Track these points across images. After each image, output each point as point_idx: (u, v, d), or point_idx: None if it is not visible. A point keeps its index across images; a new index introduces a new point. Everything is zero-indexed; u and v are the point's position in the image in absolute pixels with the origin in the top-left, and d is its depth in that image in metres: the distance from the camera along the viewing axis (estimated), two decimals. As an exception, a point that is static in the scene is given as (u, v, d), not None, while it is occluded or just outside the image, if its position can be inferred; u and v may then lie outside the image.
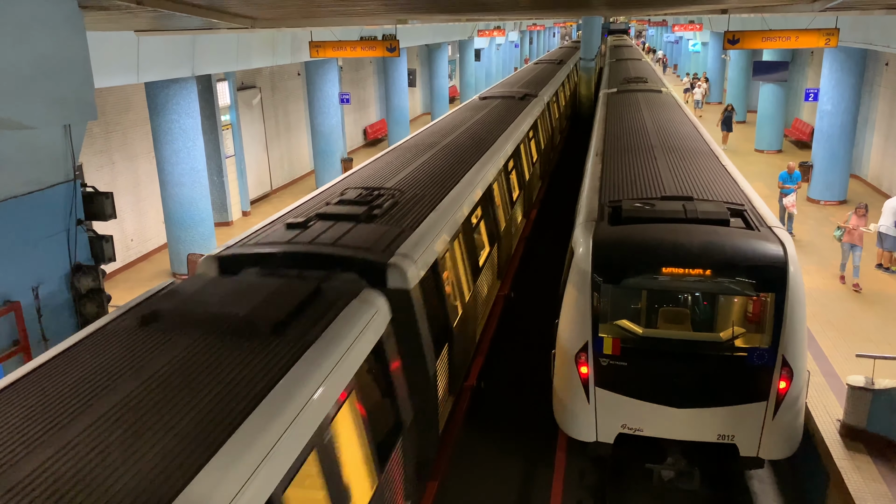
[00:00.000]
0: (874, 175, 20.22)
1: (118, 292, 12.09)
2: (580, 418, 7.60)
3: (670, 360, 7.31)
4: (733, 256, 7.11)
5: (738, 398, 7.18)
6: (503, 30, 41.92)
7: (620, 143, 12.15)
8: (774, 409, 7.13)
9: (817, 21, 15.03)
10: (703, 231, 7.43)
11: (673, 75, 56.81)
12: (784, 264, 7.00)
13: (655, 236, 7.46)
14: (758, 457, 7.34)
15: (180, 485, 3.31)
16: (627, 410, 7.44)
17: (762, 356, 7.06)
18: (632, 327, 7.53)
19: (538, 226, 16.30)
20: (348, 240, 6.89)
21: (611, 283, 7.38)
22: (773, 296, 7.03)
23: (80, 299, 6.62)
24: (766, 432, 7.20)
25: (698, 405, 7.26)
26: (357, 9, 9.65)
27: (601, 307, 7.38)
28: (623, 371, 7.36)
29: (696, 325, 7.62)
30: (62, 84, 6.19)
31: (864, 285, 12.68)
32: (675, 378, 7.27)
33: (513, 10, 11.86)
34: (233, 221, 19.26)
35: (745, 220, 7.92)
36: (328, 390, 4.53)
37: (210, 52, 14.55)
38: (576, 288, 7.43)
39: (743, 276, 7.12)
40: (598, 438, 7.63)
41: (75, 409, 3.93)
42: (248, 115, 21.11)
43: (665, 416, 7.35)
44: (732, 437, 7.31)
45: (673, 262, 7.21)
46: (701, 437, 7.37)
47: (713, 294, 7.52)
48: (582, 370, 7.45)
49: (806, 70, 27.24)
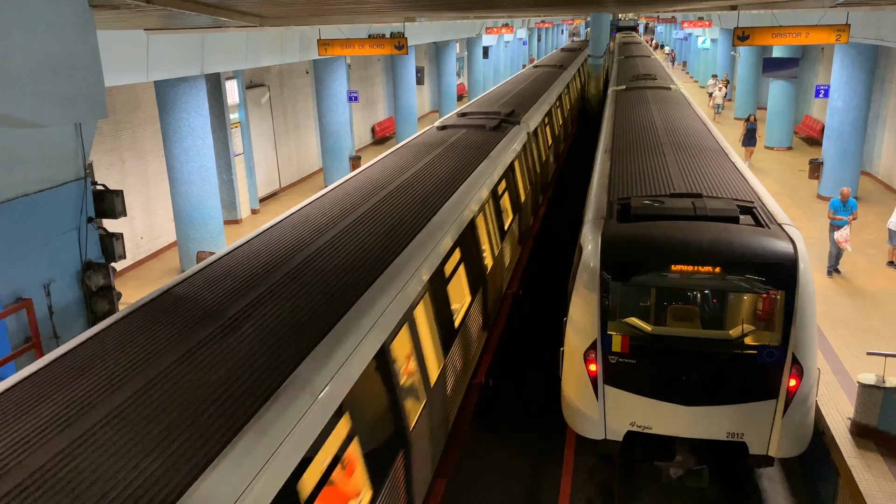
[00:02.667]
0: (885, 172, 20.07)
1: (128, 290, 12.16)
2: (589, 416, 7.57)
3: (679, 358, 7.24)
4: (743, 254, 7.06)
5: (748, 396, 7.12)
6: (511, 27, 41.81)
7: (629, 140, 12.02)
8: (784, 407, 7.07)
9: (828, 17, 14.95)
10: (712, 228, 7.38)
11: (682, 72, 56.50)
12: (794, 262, 6.93)
13: (664, 233, 7.41)
14: (767, 455, 7.29)
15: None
16: (636, 408, 7.40)
17: (772, 354, 6.99)
18: (641, 325, 7.45)
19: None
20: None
21: (619, 281, 7.33)
22: (783, 293, 6.96)
23: (91, 297, 6.67)
24: (776, 430, 7.15)
25: (707, 403, 7.21)
26: (365, 7, 9.66)
27: (610, 305, 7.32)
28: (632, 369, 7.31)
29: (706, 323, 7.53)
30: (73, 83, 6.23)
31: (875, 283, 12.60)
32: (685, 376, 7.21)
33: (521, 7, 11.80)
34: (242, 219, 19.33)
35: (754, 217, 7.86)
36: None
37: (219, 51, 14.60)
38: (584, 285, 7.39)
39: (752, 274, 7.06)
40: (606, 436, 7.59)
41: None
42: (257, 113, 21.17)
43: (674, 414, 7.30)
44: (742, 435, 7.26)
45: (682, 259, 7.16)
46: (710, 434, 7.32)
47: (723, 291, 7.42)
48: (591, 368, 7.41)
49: (816, 66, 27.06)
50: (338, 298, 5.62)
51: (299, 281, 5.91)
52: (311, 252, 6.66)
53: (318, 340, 4.89)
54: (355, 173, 10.31)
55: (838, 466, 7.73)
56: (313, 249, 6.74)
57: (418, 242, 7.21)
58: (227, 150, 18.76)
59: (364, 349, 5.21)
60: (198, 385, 4.21)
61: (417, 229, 7.55)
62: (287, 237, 7.14)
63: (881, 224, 15.92)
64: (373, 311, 5.59)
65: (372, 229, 7.45)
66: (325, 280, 5.96)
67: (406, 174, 9.95)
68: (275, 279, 5.91)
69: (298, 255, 6.57)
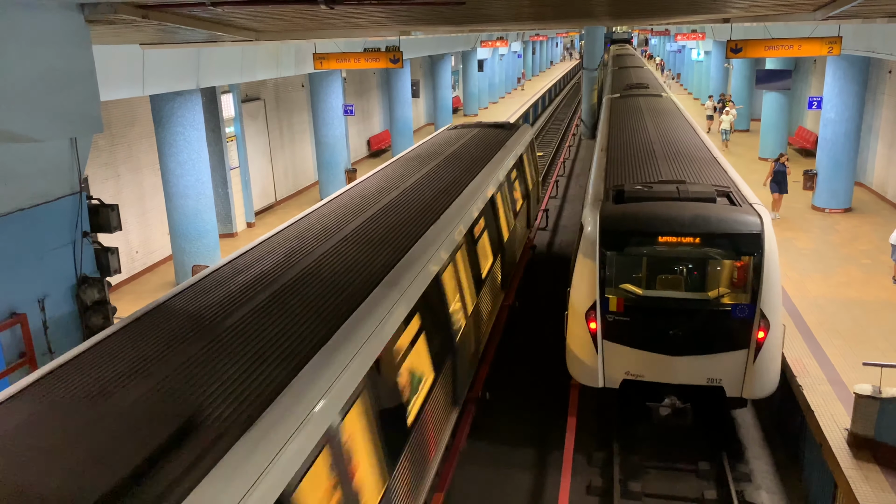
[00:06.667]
0: (879, 183, 20.17)
1: (123, 304, 12.11)
2: (590, 367, 8.84)
3: (666, 316, 8.56)
4: (718, 226, 8.44)
5: (724, 347, 8.44)
6: (506, 40, 42.09)
7: (623, 140, 13.38)
8: (754, 355, 8.35)
9: (820, 29, 15.06)
10: (693, 207, 8.75)
11: (677, 85, 56.75)
12: (761, 232, 8.30)
13: (653, 211, 8.78)
14: (741, 397, 8.56)
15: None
16: (630, 359, 8.69)
17: (743, 310, 8.34)
18: (633, 289, 8.73)
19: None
20: None
21: (615, 251, 8.65)
22: (752, 259, 8.32)
23: (86, 311, 6.64)
24: (748, 375, 8.43)
25: (690, 353, 8.51)
26: (360, 21, 9.71)
27: (607, 272, 8.62)
28: (626, 326, 8.62)
29: (688, 286, 8.75)
30: (69, 97, 6.23)
31: (871, 294, 12.62)
32: (671, 331, 8.50)
33: (515, 20, 11.88)
34: (237, 233, 19.31)
35: (729, 198, 9.23)
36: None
37: (215, 65, 14.63)
38: (585, 256, 8.70)
39: (726, 243, 8.44)
40: (605, 384, 8.87)
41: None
42: (253, 126, 21.20)
43: (662, 364, 8.59)
44: (720, 381, 8.55)
45: (667, 231, 8.53)
46: (693, 380, 8.61)
47: (702, 259, 8.71)
48: (591, 326, 8.69)
49: (809, 78, 27.24)
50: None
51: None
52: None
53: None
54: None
55: (836, 478, 7.70)
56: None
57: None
58: (222, 163, 18.76)
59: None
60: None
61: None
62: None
63: (875, 234, 15.98)
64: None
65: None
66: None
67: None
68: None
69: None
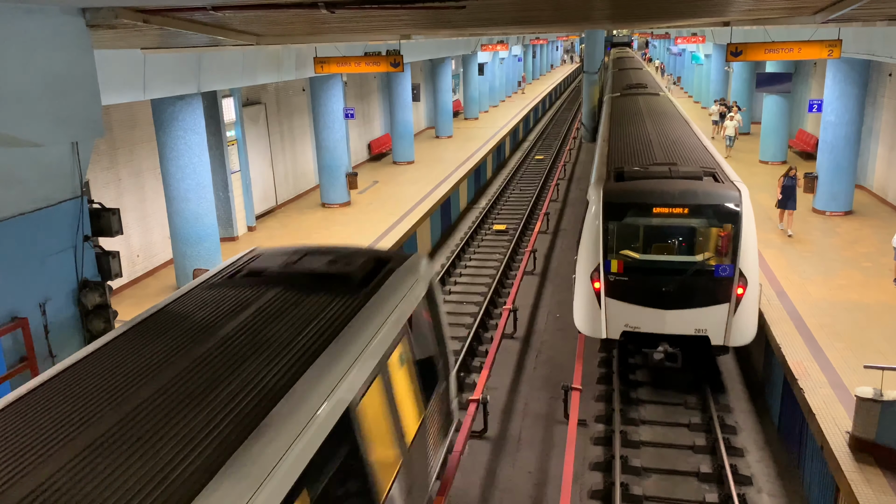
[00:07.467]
0: (879, 185, 20.17)
1: (124, 308, 12.12)
2: (594, 321, 10.39)
3: (660, 276, 10.17)
4: (704, 199, 10.15)
5: (709, 301, 9.99)
6: (506, 44, 42.13)
7: (623, 132, 15.21)
8: (735, 308, 9.92)
9: (820, 32, 15.07)
10: (682, 183, 10.48)
11: (678, 88, 56.76)
12: (739, 203, 9.99)
13: (648, 187, 10.48)
14: (724, 345, 10.11)
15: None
16: (629, 313, 10.21)
17: (725, 270, 9.95)
18: (632, 254, 10.37)
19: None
20: None
21: (616, 221, 10.27)
22: (732, 226, 9.95)
23: (87, 315, 6.64)
24: (730, 326, 9.99)
25: (680, 307, 10.05)
26: (361, 25, 9.73)
27: (609, 239, 10.21)
28: (626, 284, 10.18)
29: (678, 250, 10.41)
30: (70, 102, 6.25)
31: (872, 296, 12.61)
32: (664, 288, 10.05)
33: (515, 24, 11.93)
34: (238, 237, 19.31)
35: (714, 177, 10.96)
36: None
37: (215, 69, 14.66)
38: (591, 226, 10.29)
39: (710, 213, 10.15)
40: (608, 335, 10.39)
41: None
42: (254, 130, 21.22)
43: (657, 317, 10.12)
44: (705, 331, 10.10)
45: (660, 204, 10.17)
46: (682, 331, 10.15)
47: (690, 227, 10.34)
48: (595, 285, 10.24)
49: (809, 81, 27.24)
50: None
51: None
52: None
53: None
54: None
55: (837, 481, 7.69)
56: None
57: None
58: (223, 167, 18.77)
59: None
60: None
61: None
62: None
63: (876, 237, 15.98)
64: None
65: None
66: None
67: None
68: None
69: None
